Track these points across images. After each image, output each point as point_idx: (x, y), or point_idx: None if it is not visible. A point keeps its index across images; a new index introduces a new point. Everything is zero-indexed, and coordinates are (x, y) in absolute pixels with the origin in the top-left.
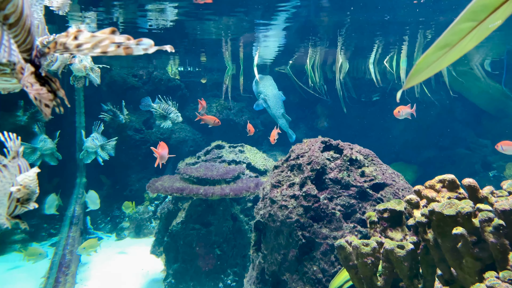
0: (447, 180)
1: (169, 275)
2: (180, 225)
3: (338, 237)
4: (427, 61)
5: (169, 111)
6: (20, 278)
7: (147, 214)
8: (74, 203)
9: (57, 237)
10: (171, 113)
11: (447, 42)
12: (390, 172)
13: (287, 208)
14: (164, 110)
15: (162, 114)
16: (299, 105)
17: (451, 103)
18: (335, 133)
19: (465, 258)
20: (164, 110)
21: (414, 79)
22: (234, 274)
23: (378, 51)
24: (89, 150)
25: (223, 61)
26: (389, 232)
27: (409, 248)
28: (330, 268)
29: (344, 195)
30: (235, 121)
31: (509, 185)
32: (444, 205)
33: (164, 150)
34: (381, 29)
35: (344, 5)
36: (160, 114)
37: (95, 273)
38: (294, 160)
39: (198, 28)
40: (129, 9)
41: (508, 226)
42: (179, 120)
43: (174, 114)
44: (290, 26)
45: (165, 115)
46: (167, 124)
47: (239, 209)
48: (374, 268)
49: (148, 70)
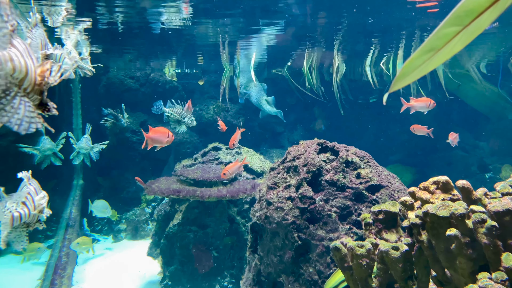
0: (441, 181)
1: (165, 277)
2: (177, 227)
3: (334, 238)
4: (412, 64)
5: (183, 115)
6: (16, 280)
7: (144, 216)
8: (70, 205)
9: (53, 239)
10: (185, 118)
11: (433, 46)
12: (386, 174)
13: (283, 210)
14: (178, 114)
15: (177, 118)
16: (296, 107)
17: (448, 105)
18: (332, 135)
19: (459, 259)
20: (178, 114)
21: (399, 83)
22: (231, 276)
23: (374, 54)
24: (82, 152)
25: (220, 63)
26: (384, 233)
27: (404, 249)
28: (326, 270)
29: (340, 197)
30: (232, 123)
31: (502, 186)
32: (438, 207)
33: (155, 134)
34: (378, 32)
35: (340, 9)
36: (174, 119)
37: (91, 275)
38: (290, 162)
39: (194, 31)
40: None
41: (501, 227)
42: (193, 124)
43: (189, 118)
44: (285, 29)
45: (179, 119)
46: (182, 128)
47: (236, 211)
48: (369, 269)
49: (146, 72)
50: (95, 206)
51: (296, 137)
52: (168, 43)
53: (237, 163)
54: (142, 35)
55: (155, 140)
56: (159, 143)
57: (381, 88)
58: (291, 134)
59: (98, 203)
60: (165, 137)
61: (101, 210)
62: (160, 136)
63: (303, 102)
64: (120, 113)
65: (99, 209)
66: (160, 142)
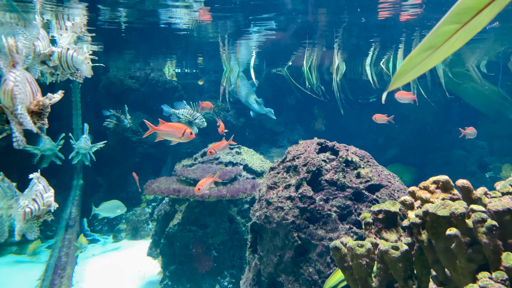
0: (441, 181)
1: (165, 277)
2: (176, 227)
3: (334, 238)
4: (411, 63)
5: (194, 116)
6: (15, 280)
7: (144, 216)
8: (70, 205)
9: (53, 239)
10: (196, 119)
11: (432, 44)
12: (386, 174)
13: (283, 210)
14: (189, 115)
15: (188, 119)
16: (296, 107)
17: (448, 104)
18: (332, 134)
19: (459, 259)
20: (189, 115)
21: (399, 81)
22: (231, 275)
23: (375, 53)
24: (81, 151)
25: (220, 62)
26: (384, 233)
27: (404, 249)
28: (326, 270)
29: (340, 196)
30: (232, 123)
31: (503, 186)
32: (438, 206)
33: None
34: (378, 31)
35: (340, 8)
36: (186, 120)
37: (91, 275)
38: (290, 161)
39: (194, 31)
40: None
41: (501, 226)
42: (204, 125)
43: (200, 119)
44: (286, 28)
45: (190, 120)
46: (194, 130)
47: (236, 211)
48: (369, 269)
49: (145, 72)
50: (103, 209)
51: (296, 136)
52: (169, 42)
53: (209, 179)
54: (145, 35)
55: (167, 134)
56: (171, 137)
57: (381, 87)
58: (291, 133)
59: (106, 205)
60: (179, 132)
61: (112, 210)
62: (174, 131)
63: (303, 101)
64: (122, 114)
65: (110, 210)
66: (172, 137)
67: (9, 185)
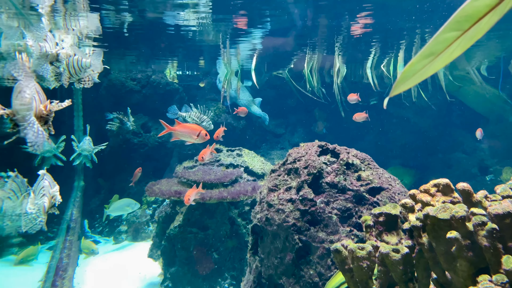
0: (441, 184)
1: (166, 279)
2: (177, 228)
3: (335, 240)
4: (413, 69)
5: (201, 119)
6: (17, 282)
7: (145, 217)
8: (71, 206)
9: (54, 241)
10: (204, 121)
11: (432, 51)
12: (387, 176)
13: (284, 212)
14: (197, 118)
15: (196, 122)
16: (297, 109)
17: (448, 107)
18: (333, 137)
19: (459, 262)
20: (197, 118)
21: (400, 87)
22: (232, 277)
23: (375, 56)
24: (84, 153)
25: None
26: (385, 236)
27: (404, 252)
28: (326, 272)
29: (341, 199)
30: (233, 125)
31: (503, 189)
32: (438, 209)
33: (184, 128)
34: (379, 34)
35: (341, 11)
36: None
37: (92, 276)
38: (291, 164)
39: (196, 33)
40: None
41: (501, 230)
42: (211, 128)
43: (207, 122)
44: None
45: (198, 123)
46: None
47: (237, 213)
48: (369, 271)
49: (147, 74)
50: (113, 209)
51: (297, 139)
52: (172, 45)
53: (194, 190)
54: (150, 37)
55: (182, 134)
56: (186, 138)
57: (381, 90)
58: (292, 136)
59: (115, 204)
60: (194, 133)
61: (122, 208)
62: (189, 131)
63: (304, 104)
64: (125, 116)
65: (120, 209)
66: (187, 137)
67: (22, 180)
